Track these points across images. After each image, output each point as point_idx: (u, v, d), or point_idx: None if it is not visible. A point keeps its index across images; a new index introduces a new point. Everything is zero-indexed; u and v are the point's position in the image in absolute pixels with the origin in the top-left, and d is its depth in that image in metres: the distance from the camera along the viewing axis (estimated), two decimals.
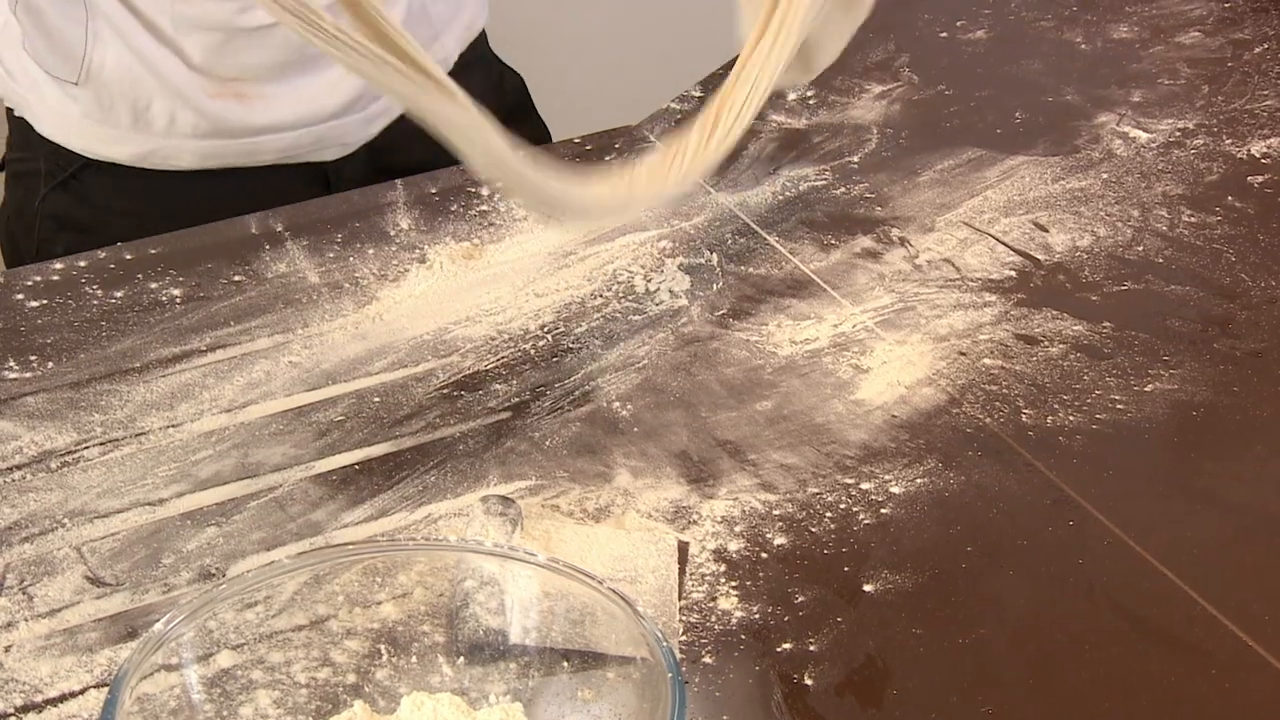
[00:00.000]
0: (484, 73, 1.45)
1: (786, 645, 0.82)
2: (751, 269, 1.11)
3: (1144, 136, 1.25)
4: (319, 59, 1.27)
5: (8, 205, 1.36)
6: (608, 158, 1.23)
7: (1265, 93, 1.30)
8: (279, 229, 1.14)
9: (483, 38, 1.45)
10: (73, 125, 1.27)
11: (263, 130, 1.28)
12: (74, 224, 1.29)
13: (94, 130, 1.27)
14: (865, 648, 0.82)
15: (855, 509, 0.90)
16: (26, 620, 0.83)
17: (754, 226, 1.15)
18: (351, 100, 1.30)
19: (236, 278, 1.09)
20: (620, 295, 1.08)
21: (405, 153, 1.32)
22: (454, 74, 1.38)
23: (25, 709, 0.78)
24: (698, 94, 1.31)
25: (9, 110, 1.32)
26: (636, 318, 1.06)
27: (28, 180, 1.31)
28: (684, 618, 0.83)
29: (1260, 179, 1.19)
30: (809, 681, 0.80)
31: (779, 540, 0.88)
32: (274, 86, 1.26)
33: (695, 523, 0.90)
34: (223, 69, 1.25)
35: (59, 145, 1.29)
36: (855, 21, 1.18)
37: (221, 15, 1.22)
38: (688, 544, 0.88)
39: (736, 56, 1.00)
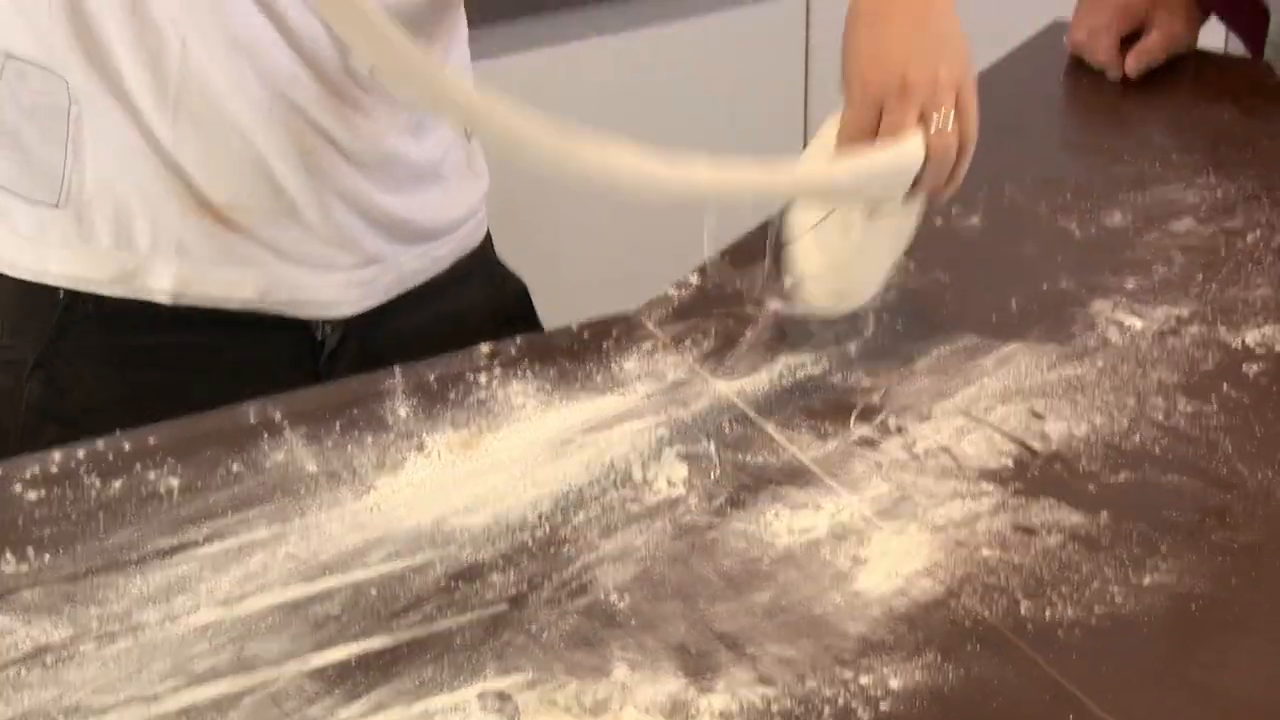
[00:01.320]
0: (485, 277, 1.46)
1: None
2: (749, 457, 1.11)
3: (1139, 324, 1.26)
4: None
5: None
6: (605, 344, 1.23)
7: (1259, 281, 1.31)
8: (277, 418, 1.14)
9: (488, 243, 1.47)
10: (50, 253, 1.26)
11: (244, 260, 1.28)
12: (58, 414, 1.29)
13: (72, 257, 1.26)
14: None
15: (854, 704, 0.90)
16: None
17: (751, 414, 1.15)
18: (342, 264, 1.30)
19: (235, 467, 1.09)
20: (618, 484, 1.08)
21: (397, 342, 1.33)
22: (455, 281, 1.41)
23: None
24: (694, 281, 1.32)
25: None
26: (634, 507, 1.06)
27: (15, 369, 1.30)
28: None
29: (1255, 368, 1.20)
30: None
31: None
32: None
33: (693, 717, 0.89)
34: (218, 192, 1.25)
35: (42, 324, 1.28)
36: (893, 253, 1.21)
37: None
38: None
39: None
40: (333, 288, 1.32)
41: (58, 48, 1.20)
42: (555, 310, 1.50)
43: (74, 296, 1.28)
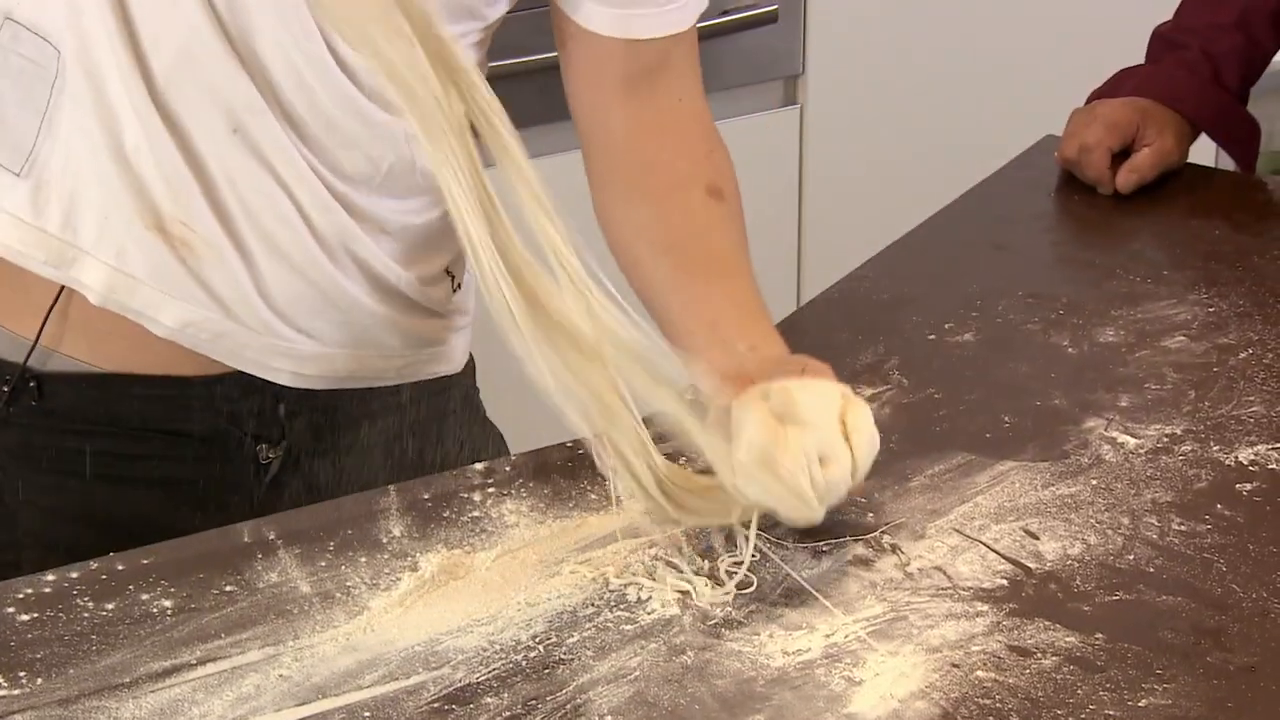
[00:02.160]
0: (458, 422, 1.45)
1: None
2: (744, 576, 1.11)
3: (1132, 442, 1.26)
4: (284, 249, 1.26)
5: None
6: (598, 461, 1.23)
7: (1251, 399, 1.32)
8: (271, 537, 1.14)
9: (463, 388, 1.47)
10: None
11: (179, 289, 1.24)
12: None
13: (15, 227, 1.22)
14: None
15: None
16: None
17: (746, 533, 1.15)
18: (277, 330, 1.28)
19: (228, 588, 1.09)
20: (612, 604, 1.08)
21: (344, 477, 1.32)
22: (416, 421, 1.40)
23: None
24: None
25: None
26: (628, 627, 1.06)
27: None
28: None
29: (1248, 487, 1.20)
30: None
31: None
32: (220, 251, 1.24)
33: None
34: (172, 209, 1.22)
35: None
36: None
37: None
38: None
39: None
40: (258, 349, 1.28)
41: (56, 19, 1.18)
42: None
43: (17, 389, 1.27)
